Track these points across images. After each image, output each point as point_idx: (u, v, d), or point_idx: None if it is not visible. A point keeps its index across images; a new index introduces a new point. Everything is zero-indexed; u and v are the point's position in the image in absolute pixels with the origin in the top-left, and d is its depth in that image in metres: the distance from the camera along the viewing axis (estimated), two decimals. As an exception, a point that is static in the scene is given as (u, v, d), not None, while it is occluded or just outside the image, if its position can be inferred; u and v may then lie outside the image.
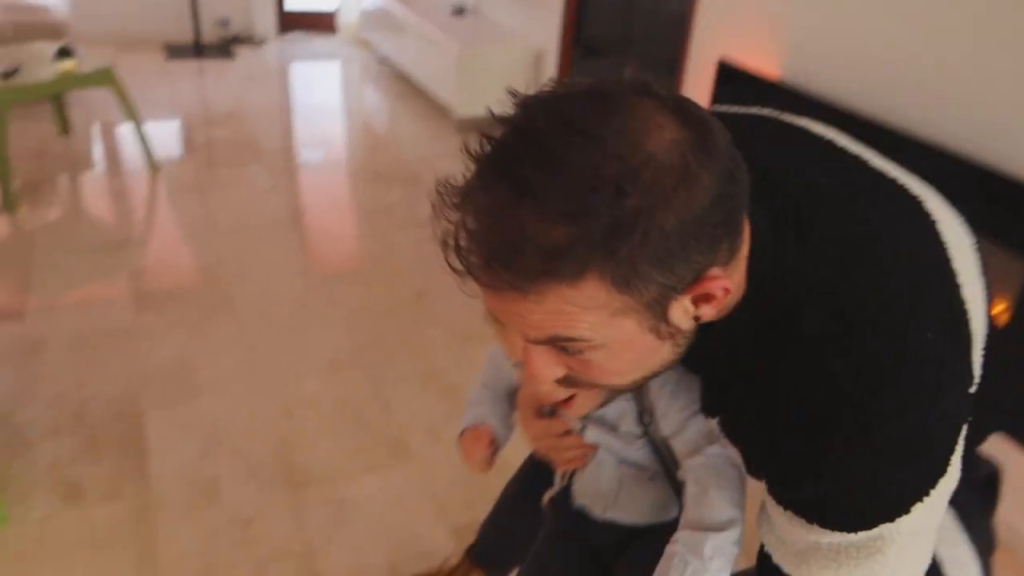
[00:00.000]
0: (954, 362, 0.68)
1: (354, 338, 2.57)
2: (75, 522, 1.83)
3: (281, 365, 2.42)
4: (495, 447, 1.08)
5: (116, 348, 2.44)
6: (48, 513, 1.85)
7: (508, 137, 0.61)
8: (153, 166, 3.65)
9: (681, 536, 0.85)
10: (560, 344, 0.66)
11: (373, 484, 2.00)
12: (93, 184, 3.56)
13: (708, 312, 0.66)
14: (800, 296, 0.69)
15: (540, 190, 0.57)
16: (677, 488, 1.00)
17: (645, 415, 0.94)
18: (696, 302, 0.65)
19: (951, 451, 0.69)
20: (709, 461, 0.87)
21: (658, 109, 0.59)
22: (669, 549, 0.85)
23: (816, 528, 0.71)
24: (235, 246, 3.10)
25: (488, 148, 0.61)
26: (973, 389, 0.70)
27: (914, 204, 0.74)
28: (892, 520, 0.68)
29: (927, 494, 0.68)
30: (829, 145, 0.80)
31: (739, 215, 0.64)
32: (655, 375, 0.74)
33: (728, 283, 0.64)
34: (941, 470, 0.68)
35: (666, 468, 0.99)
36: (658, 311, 0.64)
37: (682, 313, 0.65)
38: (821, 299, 0.68)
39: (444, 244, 0.62)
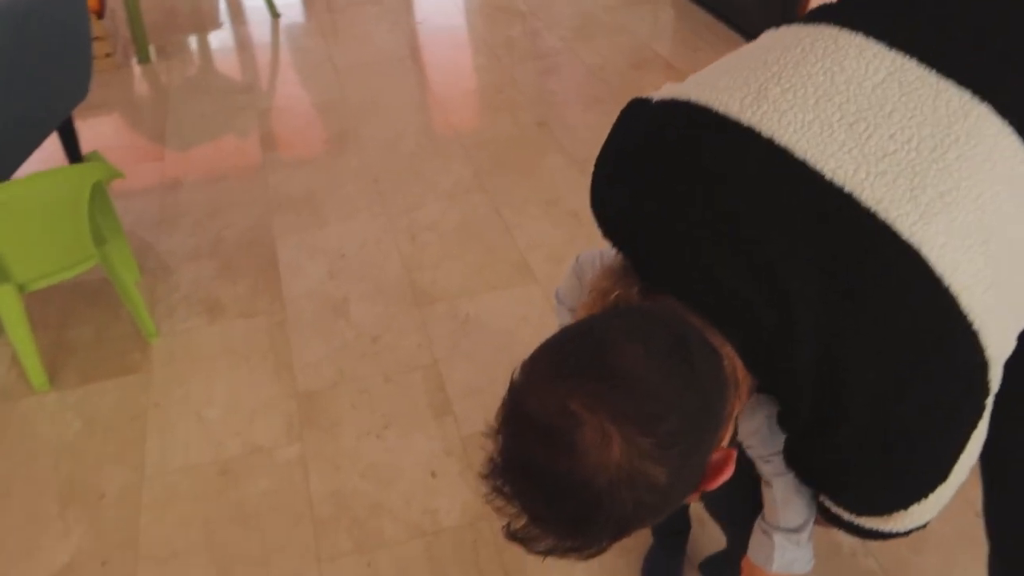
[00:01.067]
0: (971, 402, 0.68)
1: (475, 166, 2.51)
2: (217, 334, 1.93)
3: (403, 193, 2.41)
4: None
5: (247, 182, 2.51)
6: (192, 326, 1.96)
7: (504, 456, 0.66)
8: (273, 12, 3.64)
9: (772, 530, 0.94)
10: None
11: (496, 301, 1.98)
12: (219, 34, 3.61)
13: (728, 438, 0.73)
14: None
15: (548, 519, 0.65)
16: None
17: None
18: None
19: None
20: (791, 480, 0.92)
21: (601, 429, 0.61)
22: (765, 539, 0.94)
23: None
24: (356, 84, 3.07)
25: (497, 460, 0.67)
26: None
27: (899, 264, 0.64)
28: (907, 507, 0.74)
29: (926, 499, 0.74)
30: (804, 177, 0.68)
31: (720, 420, 0.68)
32: None
33: (726, 449, 0.71)
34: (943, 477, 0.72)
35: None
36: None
37: None
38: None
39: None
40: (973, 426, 0.69)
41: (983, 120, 0.67)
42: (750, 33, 3.17)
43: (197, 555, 1.46)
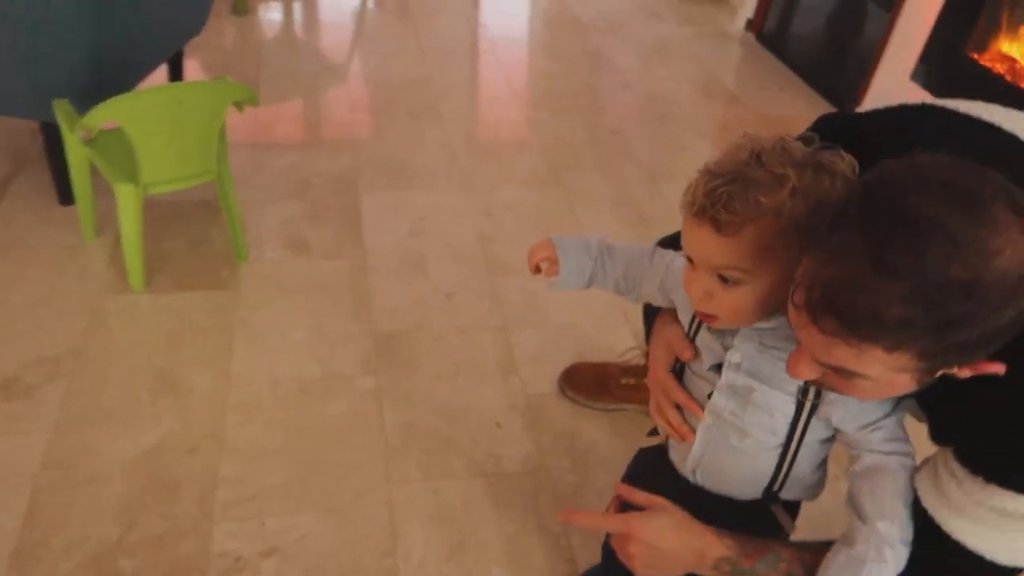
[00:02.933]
0: None
1: (551, 160, 2.64)
2: (303, 268, 2.05)
3: (482, 173, 2.53)
4: (554, 268, 1.09)
5: (337, 136, 2.63)
6: (279, 257, 2.07)
7: (876, 207, 0.68)
8: (365, -10, 3.80)
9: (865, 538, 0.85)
10: (827, 365, 0.75)
11: (565, 282, 2.10)
12: (312, 2, 3.76)
13: (965, 373, 0.73)
14: None
15: (900, 273, 0.64)
16: (781, 466, 0.99)
17: (809, 391, 0.92)
18: (961, 370, 0.73)
19: None
20: (889, 463, 0.87)
21: (1020, 230, 0.64)
22: (851, 552, 0.85)
23: (1006, 492, 0.74)
24: (440, 65, 3.21)
25: (854, 205, 0.69)
26: None
27: None
28: None
29: None
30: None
31: None
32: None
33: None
34: None
35: (787, 446, 0.98)
36: (934, 373, 0.73)
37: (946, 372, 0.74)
38: None
39: (797, 289, 0.73)
40: None
41: None
42: (812, 79, 3.32)
43: (277, 457, 1.57)
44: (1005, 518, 0.75)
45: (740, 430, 0.98)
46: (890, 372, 0.71)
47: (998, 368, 0.71)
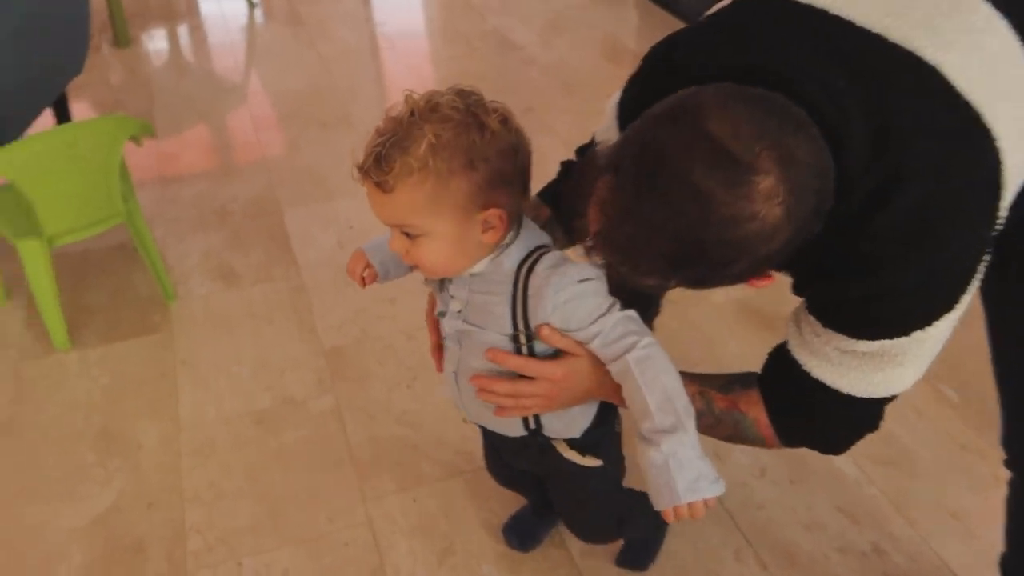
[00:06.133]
0: (981, 208, 0.78)
1: (469, 148, 2.60)
2: (236, 298, 1.96)
3: (402, 172, 2.48)
4: (373, 275, 1.10)
5: (247, 158, 2.54)
6: (209, 291, 1.99)
7: (643, 163, 0.72)
8: (250, 1, 3.67)
9: (660, 440, 0.85)
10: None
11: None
12: (194, 21, 3.62)
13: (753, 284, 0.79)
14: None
15: (655, 224, 0.71)
16: None
17: (520, 335, 0.93)
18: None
19: (967, 284, 0.81)
20: (644, 353, 0.88)
21: (769, 195, 0.68)
22: (653, 456, 0.85)
23: (850, 339, 0.83)
24: (342, 70, 3.13)
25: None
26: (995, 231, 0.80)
27: (932, 79, 0.76)
28: (908, 334, 0.81)
29: (939, 317, 0.81)
30: (838, 24, 0.79)
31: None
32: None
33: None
34: (955, 299, 0.81)
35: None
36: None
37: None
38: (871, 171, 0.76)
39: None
40: (980, 255, 0.80)
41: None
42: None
43: (242, 496, 1.50)
44: (850, 355, 0.85)
45: (473, 371, 0.98)
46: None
47: (766, 282, 0.78)
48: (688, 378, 0.94)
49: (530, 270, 0.90)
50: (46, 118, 2.37)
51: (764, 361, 0.96)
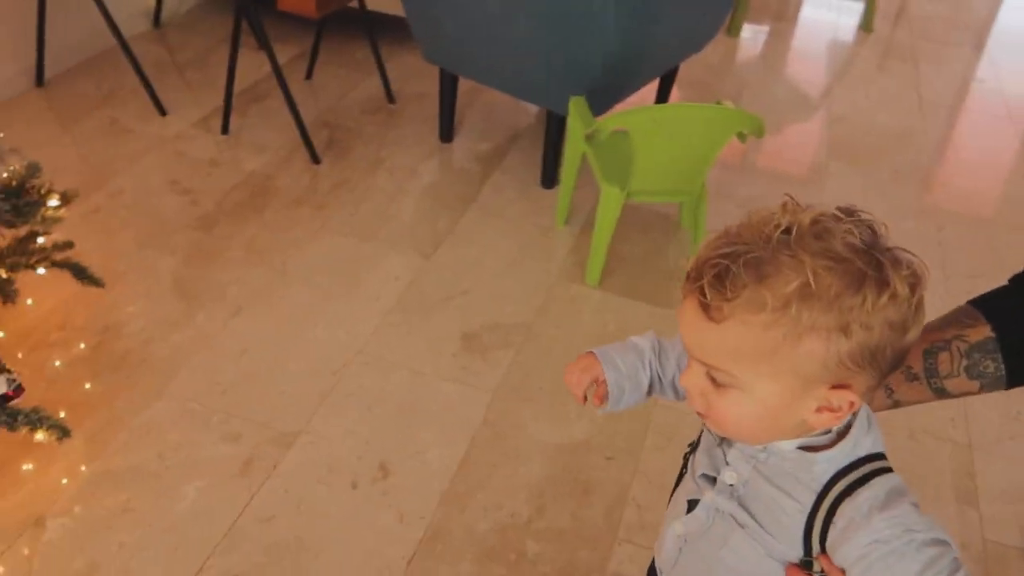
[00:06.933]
0: None
1: None
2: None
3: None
4: (603, 394, 0.84)
5: (801, 174, 2.50)
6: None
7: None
8: (867, 27, 3.56)
9: None
10: None
11: None
12: (791, 29, 3.64)
13: None
14: None
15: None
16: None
17: (814, 562, 0.68)
18: None
19: None
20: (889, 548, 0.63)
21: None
22: None
23: None
24: (937, 120, 2.88)
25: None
26: None
27: None
28: None
29: None
30: None
31: None
32: None
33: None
34: None
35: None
36: None
37: None
38: None
39: None
40: None
41: None
42: None
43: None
44: None
45: (711, 557, 0.76)
46: None
47: None
48: None
49: (849, 491, 0.66)
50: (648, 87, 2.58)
51: None
